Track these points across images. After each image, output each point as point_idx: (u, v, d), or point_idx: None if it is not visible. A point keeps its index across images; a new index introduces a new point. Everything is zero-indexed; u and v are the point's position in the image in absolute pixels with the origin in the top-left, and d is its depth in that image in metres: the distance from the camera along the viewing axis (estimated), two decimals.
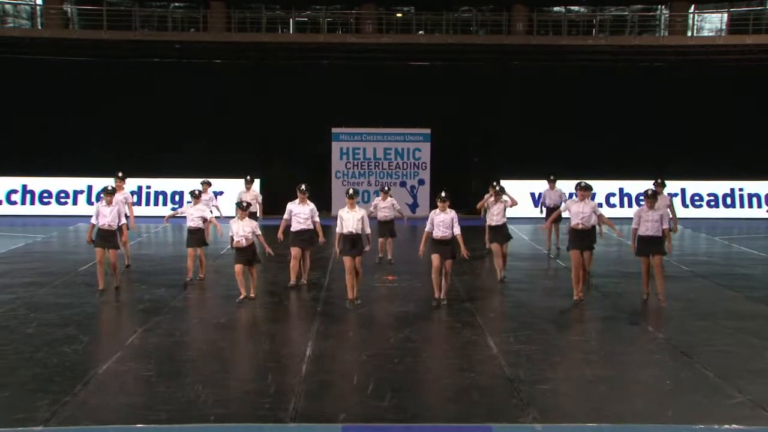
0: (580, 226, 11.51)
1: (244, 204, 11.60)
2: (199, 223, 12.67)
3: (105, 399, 7.51)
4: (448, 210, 11.26)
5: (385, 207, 14.97)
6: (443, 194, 11.36)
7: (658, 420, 7.07)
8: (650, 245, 11.33)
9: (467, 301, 11.77)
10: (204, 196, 14.47)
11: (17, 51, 23.72)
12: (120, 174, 14.08)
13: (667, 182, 14.45)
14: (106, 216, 11.94)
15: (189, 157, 22.29)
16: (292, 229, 12.36)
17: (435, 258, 11.26)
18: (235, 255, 11.46)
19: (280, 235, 12.65)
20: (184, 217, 12.98)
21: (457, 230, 11.15)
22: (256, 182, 17.05)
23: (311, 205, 12.44)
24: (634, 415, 7.22)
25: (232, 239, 11.40)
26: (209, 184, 15.77)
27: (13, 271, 13.91)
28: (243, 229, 11.25)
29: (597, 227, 11.92)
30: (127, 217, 12.71)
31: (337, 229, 11.37)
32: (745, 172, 23.01)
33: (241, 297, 11.40)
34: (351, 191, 11.74)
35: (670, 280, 12.69)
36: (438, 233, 11.16)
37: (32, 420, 6.89)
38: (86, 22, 27.20)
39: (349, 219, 11.25)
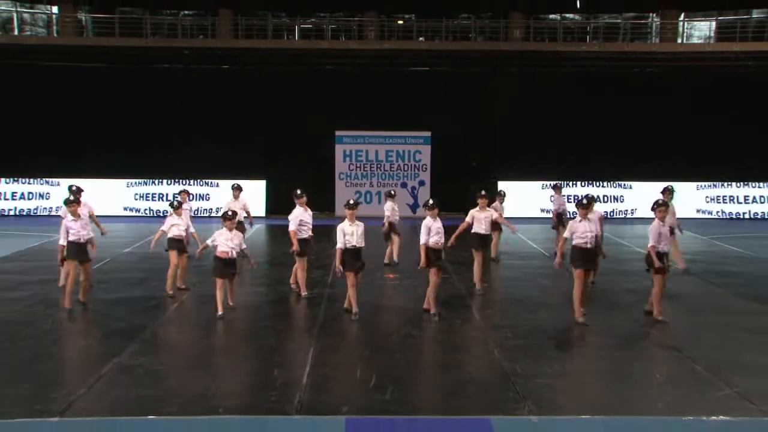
0: (588, 245, 10.35)
1: (230, 213, 10.67)
2: (181, 233, 11.83)
3: (118, 391, 7.53)
4: (437, 218, 10.53)
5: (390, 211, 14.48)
6: (430, 201, 10.75)
7: (649, 412, 7.09)
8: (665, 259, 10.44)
9: (466, 298, 11.80)
10: (184, 206, 12.88)
11: (34, 58, 23.77)
12: (74, 188, 12.47)
13: (652, 182, 13.91)
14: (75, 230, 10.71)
15: (197, 158, 22.37)
16: (300, 236, 11.43)
17: (434, 273, 10.53)
18: (217, 268, 10.43)
19: (296, 247, 11.43)
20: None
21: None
22: (245, 190, 15.20)
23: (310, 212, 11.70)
24: (626, 408, 7.23)
25: (207, 246, 10.49)
26: (188, 194, 14.54)
27: (30, 269, 13.94)
28: (232, 241, 10.39)
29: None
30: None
31: (339, 245, 10.17)
32: (730, 174, 23.07)
33: (220, 313, 10.37)
34: (352, 201, 10.57)
35: None
36: (436, 239, 10.40)
37: (49, 411, 6.93)
38: (99, 30, 27.29)
39: (353, 233, 10.24)
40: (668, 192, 12.68)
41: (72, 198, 11.23)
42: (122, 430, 6.59)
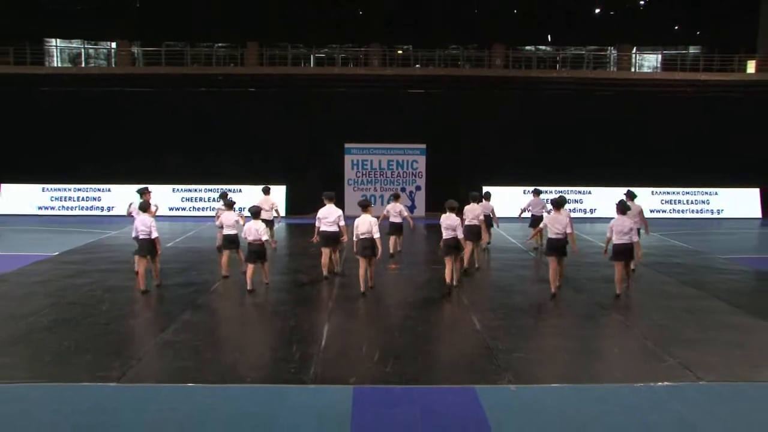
0: (560, 236, 10.61)
1: (258, 209, 11.23)
2: (232, 230, 11.94)
3: (163, 362, 7.58)
4: (453, 216, 10.72)
5: (396, 211, 14.23)
6: (450, 202, 10.81)
7: (608, 380, 7.13)
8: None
9: (456, 286, 11.77)
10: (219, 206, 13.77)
11: (97, 85, 23.90)
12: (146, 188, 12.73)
13: (612, 188, 14.01)
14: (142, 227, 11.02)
15: (228, 167, 22.38)
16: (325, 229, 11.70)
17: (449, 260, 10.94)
18: (247, 253, 11.06)
19: (346, 238, 11.85)
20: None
21: (460, 234, 10.76)
22: (273, 191, 15.63)
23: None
24: (590, 377, 7.26)
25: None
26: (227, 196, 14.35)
27: (91, 260, 13.99)
28: (257, 230, 10.83)
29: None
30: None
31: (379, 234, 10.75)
32: (674, 179, 23.09)
33: (250, 289, 10.97)
34: (364, 198, 11.30)
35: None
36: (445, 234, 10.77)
37: (109, 378, 7.02)
38: (149, 60, 27.37)
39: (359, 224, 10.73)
40: (630, 195, 12.53)
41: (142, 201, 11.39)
42: (167, 394, 6.61)
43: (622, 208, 10.72)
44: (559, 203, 10.71)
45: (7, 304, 10.11)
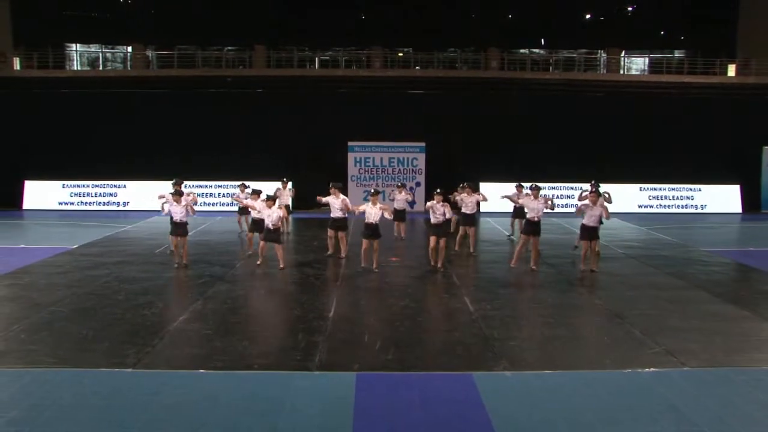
0: (536, 219, 12.00)
1: (275, 196, 12.60)
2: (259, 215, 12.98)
3: (175, 350, 7.57)
4: (442, 202, 12.10)
5: (400, 199, 15.74)
6: (438, 190, 12.38)
7: (598, 367, 7.11)
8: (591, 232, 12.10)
9: (453, 276, 11.78)
10: (242, 195, 15.30)
11: (114, 87, 23.89)
12: (175, 180, 14.57)
13: (602, 184, 14.29)
14: (176, 213, 12.33)
15: (236, 163, 22.31)
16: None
17: (432, 239, 12.11)
18: (264, 234, 12.18)
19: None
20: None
21: (449, 214, 12.24)
22: (289, 183, 17.80)
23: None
24: (581, 364, 7.25)
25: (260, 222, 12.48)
26: (246, 186, 16.32)
27: (108, 252, 13.96)
28: (272, 216, 11.92)
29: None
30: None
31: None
32: (660, 176, 23.02)
33: (259, 262, 12.24)
34: (373, 190, 12.64)
35: (608, 260, 12.67)
36: (433, 219, 12.05)
37: (124, 364, 7.03)
38: (162, 63, 27.33)
39: (371, 212, 12.05)
40: (594, 185, 13.49)
41: (174, 190, 12.88)
42: (179, 380, 6.61)
43: (597, 197, 12.05)
44: (536, 190, 12.26)
45: (31, 294, 10.12)
